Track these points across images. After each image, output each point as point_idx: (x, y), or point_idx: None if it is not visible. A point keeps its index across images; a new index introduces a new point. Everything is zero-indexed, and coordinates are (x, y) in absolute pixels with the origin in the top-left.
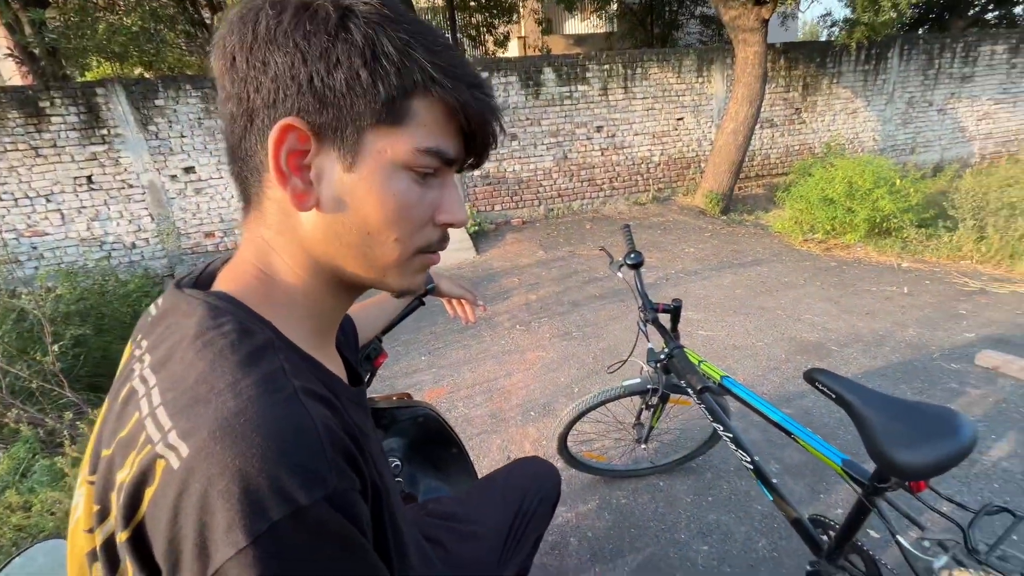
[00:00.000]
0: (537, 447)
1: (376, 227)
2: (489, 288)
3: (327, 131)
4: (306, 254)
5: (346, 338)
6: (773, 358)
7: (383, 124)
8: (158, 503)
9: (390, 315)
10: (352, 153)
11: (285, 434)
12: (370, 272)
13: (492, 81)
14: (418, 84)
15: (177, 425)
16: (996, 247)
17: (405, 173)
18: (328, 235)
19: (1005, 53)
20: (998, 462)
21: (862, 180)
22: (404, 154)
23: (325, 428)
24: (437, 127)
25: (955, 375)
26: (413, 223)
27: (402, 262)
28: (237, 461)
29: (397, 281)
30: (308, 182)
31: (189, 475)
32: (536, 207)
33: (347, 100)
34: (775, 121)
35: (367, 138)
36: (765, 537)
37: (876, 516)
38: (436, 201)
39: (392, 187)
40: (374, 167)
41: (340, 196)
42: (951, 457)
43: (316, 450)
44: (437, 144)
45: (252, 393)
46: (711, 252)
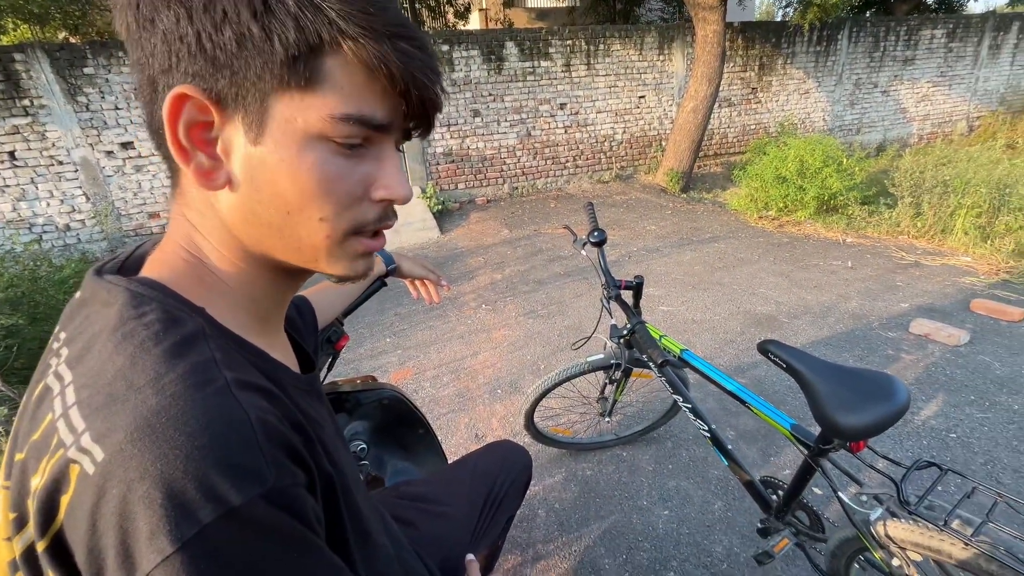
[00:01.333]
0: (505, 424)
1: (295, 205)
2: (454, 268)
3: (228, 99)
4: (232, 236)
5: (304, 322)
6: (729, 331)
7: (290, 88)
8: (75, 511)
9: (351, 297)
10: (258, 123)
11: (213, 430)
12: (300, 256)
13: (453, 55)
14: (325, 39)
15: (91, 427)
16: (930, 223)
17: (323, 144)
18: (247, 216)
19: (943, 38)
20: (927, 421)
21: (812, 159)
22: (318, 123)
23: (260, 421)
24: (357, 89)
25: (892, 342)
26: (339, 200)
27: (333, 244)
28: (158, 464)
29: (332, 266)
30: (215, 157)
31: (105, 481)
32: (500, 185)
33: (241, 61)
34: (733, 100)
35: (273, 105)
36: (720, 499)
37: (820, 475)
38: (370, 175)
39: (307, 160)
40: (283, 139)
41: (250, 172)
42: (887, 418)
43: (249, 445)
44: (358, 110)
45: (176, 388)
46: (672, 229)
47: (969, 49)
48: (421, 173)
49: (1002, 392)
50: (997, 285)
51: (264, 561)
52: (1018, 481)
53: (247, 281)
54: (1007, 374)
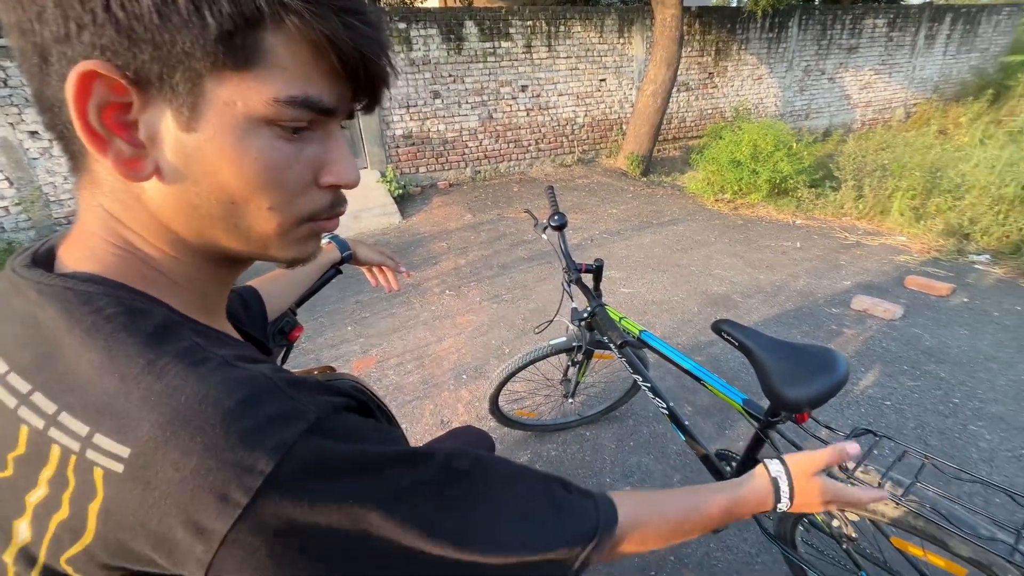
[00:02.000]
0: (470, 409)
1: (240, 196)
2: (416, 253)
3: (150, 79)
4: (164, 228)
5: (250, 313)
6: (687, 311)
7: (226, 68)
8: (116, 515)
9: (303, 286)
10: (190, 107)
11: (236, 393)
12: (248, 245)
13: (411, 34)
14: (264, 13)
15: (100, 427)
16: (870, 204)
17: (267, 129)
18: (183, 207)
19: (884, 27)
20: (865, 391)
21: (765, 143)
22: (261, 106)
23: (274, 374)
24: (302, 69)
25: (835, 318)
26: (288, 188)
27: (284, 233)
28: (197, 438)
29: (283, 252)
30: (138, 144)
31: (146, 472)
32: (462, 169)
33: (164, 36)
34: (690, 85)
35: (208, 87)
36: (679, 472)
37: (770, 446)
38: (317, 159)
39: (251, 148)
40: (222, 124)
41: (184, 161)
42: (828, 390)
43: (276, 394)
44: (304, 92)
45: (177, 369)
46: (632, 213)
47: (907, 39)
48: (380, 156)
49: (931, 361)
50: (928, 262)
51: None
52: (943, 442)
53: (190, 274)
54: (935, 344)
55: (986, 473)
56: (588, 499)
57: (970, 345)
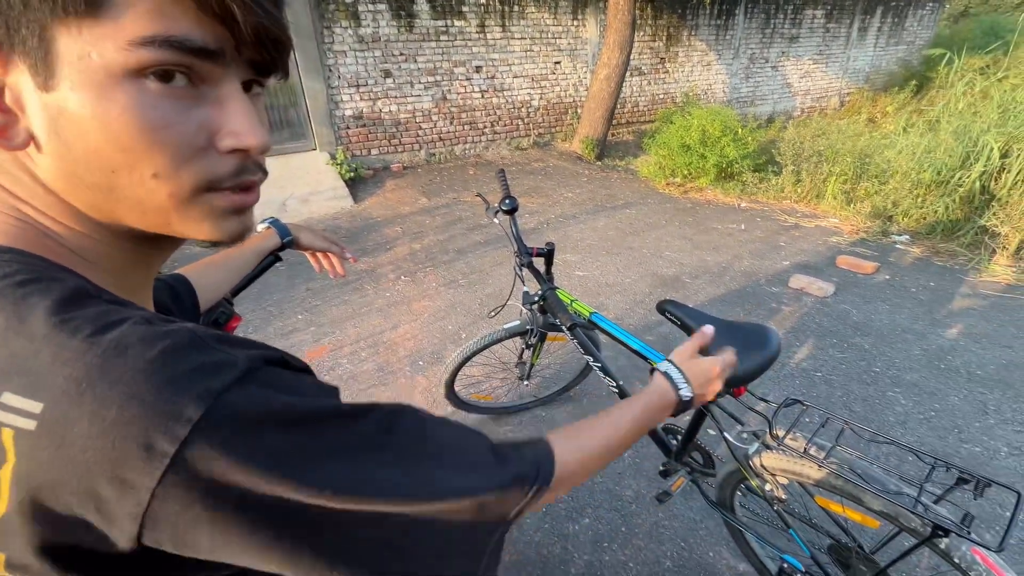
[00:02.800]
0: (427, 396)
1: (118, 162)
2: (370, 239)
3: (2, 38)
4: (61, 202)
5: (180, 303)
6: (639, 292)
7: (70, 15)
8: (29, 477)
9: (239, 273)
10: (43, 64)
11: (159, 345)
12: (147, 219)
13: (359, 8)
14: None
15: (7, 385)
16: (808, 188)
17: (135, 83)
18: (68, 177)
19: (823, 18)
20: (799, 364)
21: (712, 129)
22: (119, 54)
23: (198, 328)
24: (158, 7)
25: (774, 296)
26: (175, 152)
27: (180, 204)
28: (117, 388)
29: (192, 228)
30: (7, 110)
31: (62, 426)
32: (417, 151)
33: None
34: (643, 70)
35: (57, 39)
36: (630, 448)
37: (710, 419)
38: (212, 120)
39: (116, 104)
40: (80, 79)
41: (52, 125)
42: (762, 365)
43: (202, 346)
44: (165, 29)
45: (92, 327)
46: (587, 196)
47: (843, 30)
48: (330, 137)
49: (857, 335)
50: (857, 243)
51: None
52: (866, 408)
53: (103, 252)
54: (861, 319)
55: (900, 435)
56: (526, 446)
57: (890, 319)
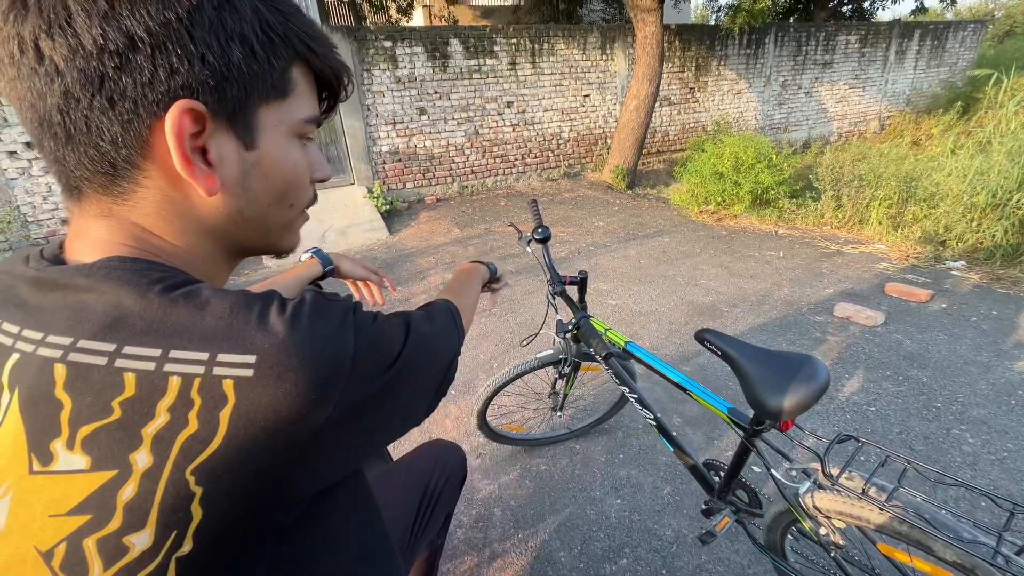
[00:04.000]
0: (459, 425)
1: (278, 198)
2: (403, 269)
3: (223, 110)
4: (201, 233)
5: None
6: (674, 321)
7: (275, 99)
8: (246, 412)
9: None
10: (250, 131)
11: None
12: (265, 237)
13: (397, 52)
14: (299, 54)
15: (219, 348)
16: (849, 214)
17: (298, 141)
18: (231, 214)
19: (856, 43)
20: (850, 397)
21: (746, 156)
22: (296, 125)
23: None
24: (311, 92)
25: (819, 326)
26: (304, 187)
27: (292, 224)
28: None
29: (288, 240)
30: (209, 165)
31: (276, 368)
32: (450, 184)
33: (247, 76)
34: (672, 99)
35: (263, 113)
36: (669, 484)
37: (755, 455)
38: (310, 161)
39: (292, 158)
40: (274, 142)
41: (243, 175)
42: (810, 398)
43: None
44: (314, 111)
45: (261, 302)
46: (618, 225)
47: (879, 54)
48: (367, 173)
49: (913, 367)
50: (907, 269)
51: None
52: (928, 447)
53: (198, 265)
54: (917, 350)
55: (970, 476)
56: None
57: (950, 350)
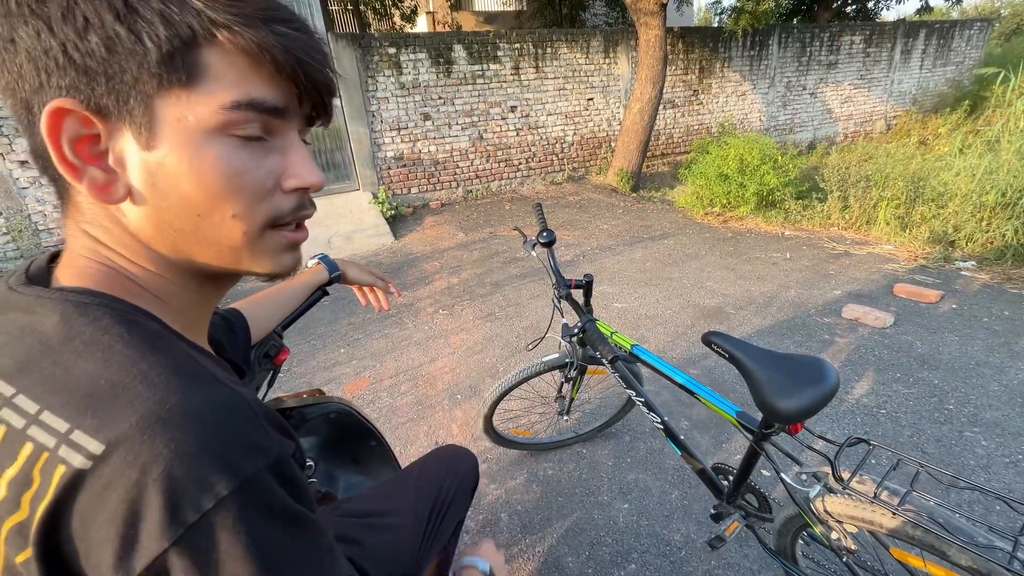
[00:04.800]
0: (465, 430)
1: (205, 207)
2: (409, 273)
3: (109, 108)
4: (146, 248)
5: (234, 335)
6: (681, 324)
7: (173, 87)
8: (57, 507)
9: (289, 307)
10: (147, 128)
11: (218, 412)
12: (221, 257)
13: (401, 58)
14: (198, 32)
15: (80, 424)
16: (856, 214)
17: (222, 139)
18: (157, 224)
19: (861, 43)
20: (860, 399)
21: (751, 157)
22: (211, 116)
23: (254, 401)
24: (243, 76)
25: (827, 327)
26: (250, 194)
27: (252, 240)
28: (171, 446)
29: (256, 263)
30: (109, 170)
31: (110, 469)
32: (454, 189)
33: (114, 66)
34: (676, 102)
35: (159, 106)
36: (677, 489)
37: (765, 458)
38: (279, 165)
39: (208, 157)
40: (178, 139)
41: (151, 180)
42: (819, 401)
43: (252, 422)
44: (248, 94)
45: (167, 380)
46: (623, 228)
47: (884, 54)
48: (372, 178)
49: (924, 369)
50: (916, 270)
51: (273, 525)
52: (940, 450)
53: (172, 291)
54: (927, 352)
55: (984, 480)
56: None
57: (961, 351)
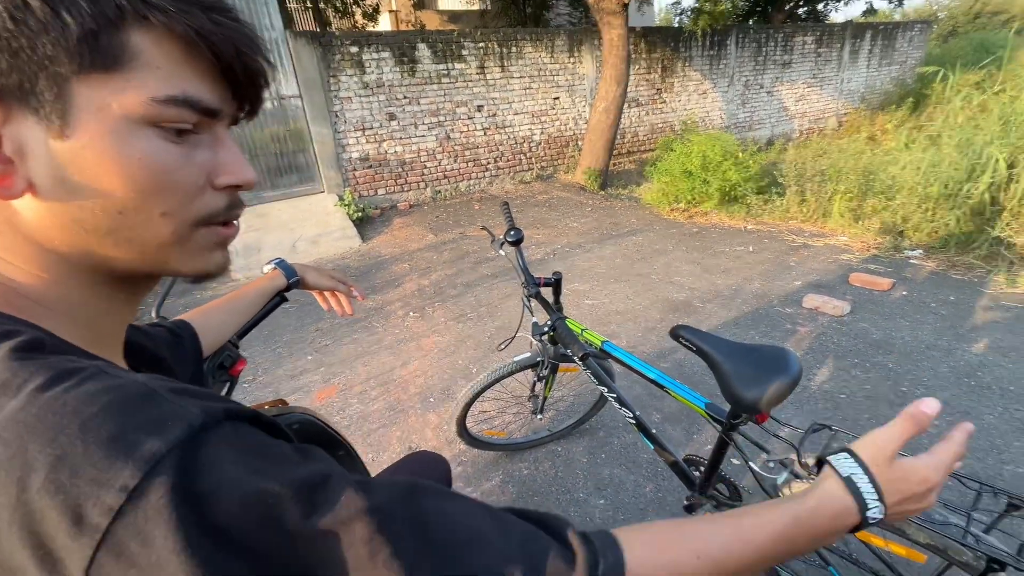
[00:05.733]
0: (439, 433)
1: (130, 204)
2: (378, 276)
3: (11, 89)
4: (44, 251)
5: (181, 348)
6: (650, 319)
7: (95, 70)
8: None
9: (244, 315)
10: (60, 114)
11: (101, 398)
12: (144, 258)
13: (363, 57)
14: (127, 11)
15: None
16: (813, 208)
17: (150, 131)
18: (64, 223)
19: (813, 44)
20: (821, 386)
21: (713, 154)
22: (139, 107)
23: (153, 379)
24: (177, 68)
25: (789, 317)
26: (182, 191)
27: (181, 239)
28: (48, 451)
29: (184, 263)
30: (5, 160)
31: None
32: (422, 189)
33: (20, 41)
34: (640, 101)
35: (76, 91)
36: (651, 482)
37: (734, 448)
38: (209, 161)
39: (135, 150)
40: (101, 128)
41: (60, 173)
42: (784, 390)
43: (150, 398)
44: (183, 91)
45: (37, 381)
46: (593, 225)
47: (834, 54)
48: (337, 180)
49: (879, 353)
50: (869, 260)
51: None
52: None
53: (72, 299)
54: (882, 337)
55: None
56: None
57: (912, 336)
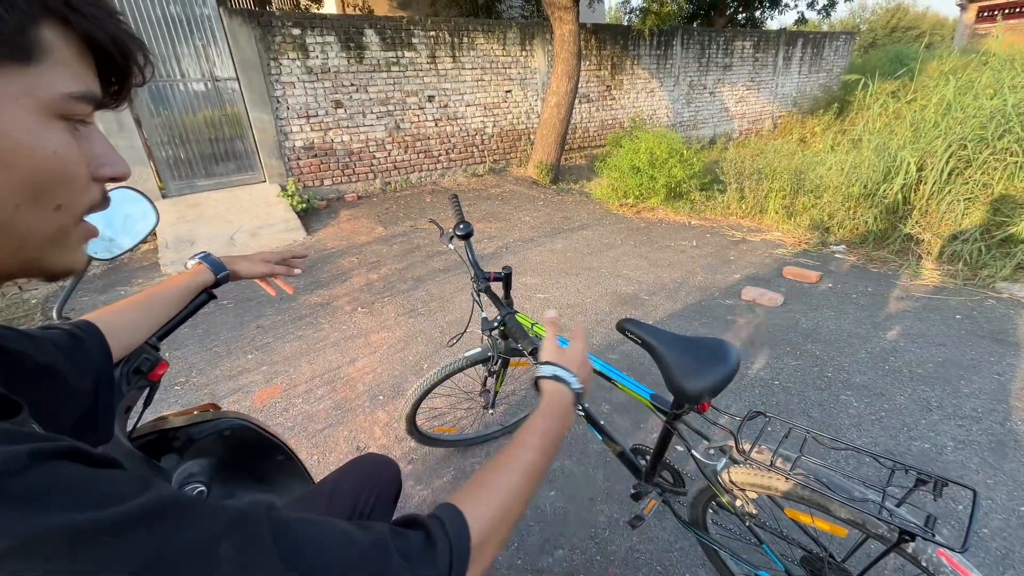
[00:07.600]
0: (388, 432)
1: (30, 195)
2: (325, 270)
3: None
4: None
5: (82, 353)
6: (600, 312)
7: (7, 62)
8: None
9: (163, 315)
10: None
11: None
12: (18, 255)
13: (307, 40)
14: (51, 10)
15: None
16: (751, 204)
17: (60, 124)
18: None
19: (751, 49)
20: (758, 374)
21: (660, 151)
22: (52, 101)
23: None
24: (79, 66)
25: (728, 309)
26: (76, 183)
27: (63, 234)
28: None
29: (59, 259)
30: None
31: None
32: (371, 181)
33: None
34: (591, 97)
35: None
36: (600, 471)
37: (677, 437)
38: (90, 153)
39: (49, 142)
40: (14, 119)
41: None
42: (723, 380)
43: None
44: (88, 88)
45: None
46: (544, 220)
47: (770, 59)
48: (280, 169)
49: (808, 342)
50: (800, 254)
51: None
52: (822, 413)
53: None
54: (810, 326)
55: (856, 436)
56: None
57: (836, 325)
